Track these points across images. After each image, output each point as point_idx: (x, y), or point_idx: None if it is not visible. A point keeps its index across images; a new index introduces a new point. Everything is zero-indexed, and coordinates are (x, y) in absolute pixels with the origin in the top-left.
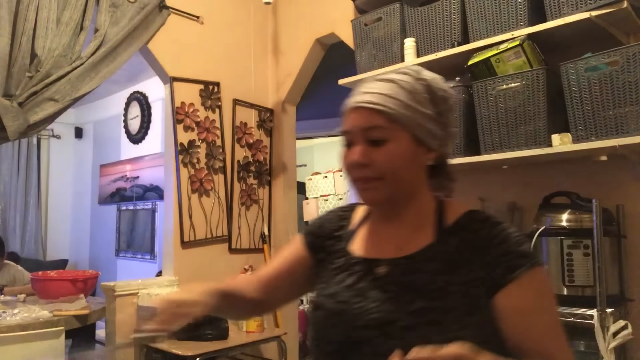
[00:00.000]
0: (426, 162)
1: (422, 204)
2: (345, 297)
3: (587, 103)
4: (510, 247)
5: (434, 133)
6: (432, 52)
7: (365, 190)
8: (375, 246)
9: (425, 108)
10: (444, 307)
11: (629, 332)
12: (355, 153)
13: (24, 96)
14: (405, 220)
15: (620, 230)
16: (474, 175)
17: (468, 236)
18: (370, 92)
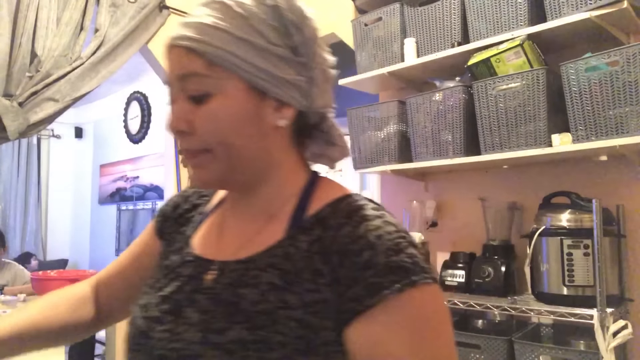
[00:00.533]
0: (278, 122)
1: (283, 183)
2: (156, 312)
3: (587, 103)
4: (376, 257)
5: (287, 79)
6: (432, 52)
7: (193, 168)
8: (218, 241)
9: (267, 41)
10: (268, 341)
11: (629, 332)
12: (171, 115)
13: (24, 96)
14: (257, 205)
15: (620, 230)
16: (474, 175)
17: (323, 235)
18: (189, 21)
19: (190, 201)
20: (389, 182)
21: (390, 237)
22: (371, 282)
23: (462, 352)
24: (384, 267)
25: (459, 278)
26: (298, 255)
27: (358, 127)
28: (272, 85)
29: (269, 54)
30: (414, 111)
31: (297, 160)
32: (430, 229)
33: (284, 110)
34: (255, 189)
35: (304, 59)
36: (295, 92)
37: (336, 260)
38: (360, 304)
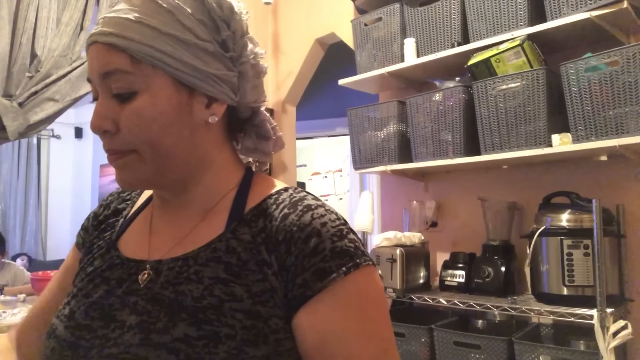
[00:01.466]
0: (209, 119)
1: (217, 179)
2: (85, 321)
3: (587, 103)
4: (323, 243)
5: (216, 74)
6: (432, 52)
7: (118, 169)
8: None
9: (195, 36)
10: (215, 335)
11: (629, 332)
12: (94, 113)
13: (24, 96)
14: (192, 202)
15: (620, 230)
16: (474, 175)
17: (267, 226)
18: (111, 17)
19: (111, 207)
20: (389, 182)
21: (334, 224)
22: (319, 267)
23: (462, 352)
24: (330, 252)
25: (459, 278)
26: (242, 247)
27: (358, 127)
28: (200, 81)
29: (196, 49)
30: (414, 111)
31: (230, 155)
32: (430, 229)
33: (214, 106)
34: (187, 187)
35: (234, 53)
36: (225, 87)
37: (283, 248)
38: (309, 289)
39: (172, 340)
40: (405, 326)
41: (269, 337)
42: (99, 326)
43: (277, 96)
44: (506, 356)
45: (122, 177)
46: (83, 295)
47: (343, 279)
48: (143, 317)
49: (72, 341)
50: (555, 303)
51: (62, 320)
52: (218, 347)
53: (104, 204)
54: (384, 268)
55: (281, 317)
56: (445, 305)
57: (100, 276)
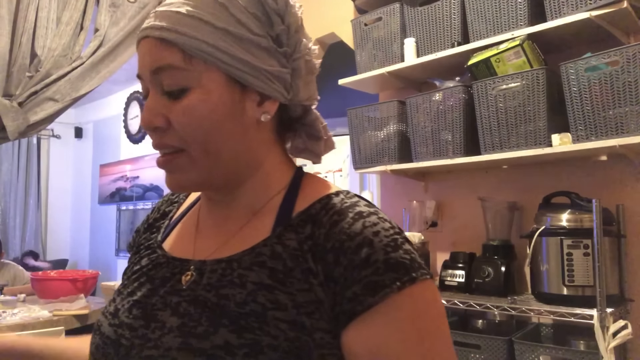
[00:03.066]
0: (261, 117)
1: (266, 179)
2: (127, 319)
3: (587, 103)
4: (375, 254)
5: (269, 71)
6: (432, 52)
7: (168, 172)
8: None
9: (249, 31)
10: (257, 344)
11: (629, 332)
12: (145, 110)
13: (24, 96)
14: (239, 202)
15: (620, 230)
16: (474, 175)
17: (314, 232)
18: (163, 10)
19: (160, 210)
20: (388, 182)
21: (387, 234)
22: (371, 281)
23: (462, 352)
24: (383, 264)
25: (458, 278)
26: (287, 253)
27: (358, 127)
28: (253, 78)
29: (250, 44)
30: (414, 111)
31: (280, 155)
32: (430, 229)
33: (267, 103)
34: (236, 188)
35: (287, 49)
36: (279, 85)
37: (331, 258)
38: (360, 303)
39: (212, 347)
40: None
41: (312, 351)
42: (140, 325)
43: None
44: (506, 356)
45: (172, 179)
46: (128, 293)
47: (397, 294)
48: (184, 319)
49: (114, 339)
50: (555, 303)
51: (107, 317)
52: (258, 357)
53: (156, 207)
54: None
55: (327, 331)
56: (445, 305)
57: (146, 275)
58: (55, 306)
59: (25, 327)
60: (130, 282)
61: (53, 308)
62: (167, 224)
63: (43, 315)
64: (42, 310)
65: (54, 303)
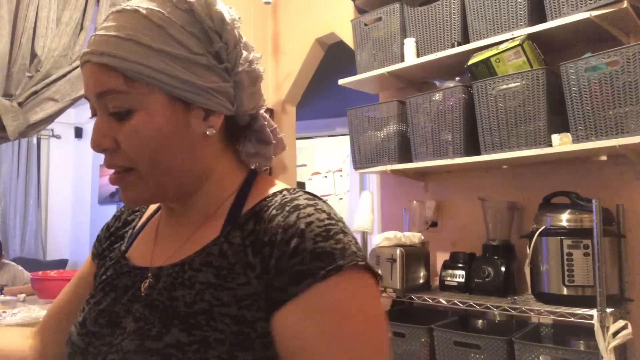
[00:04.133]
0: (207, 132)
1: (218, 186)
2: (94, 328)
3: (587, 103)
4: (303, 243)
5: (211, 87)
6: (432, 52)
7: (121, 189)
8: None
9: (188, 50)
10: (205, 340)
11: (629, 332)
12: (94, 132)
13: (24, 96)
14: (193, 208)
15: (620, 230)
16: (474, 175)
17: (256, 228)
18: (102, 35)
19: (122, 219)
20: (389, 182)
21: (320, 224)
22: (297, 270)
23: (462, 352)
24: (310, 253)
25: (458, 278)
26: (232, 250)
27: (358, 127)
28: (196, 95)
29: (190, 63)
30: (414, 111)
31: (231, 161)
32: (430, 229)
33: (212, 118)
34: (189, 197)
35: (228, 64)
36: (222, 99)
37: (267, 251)
38: (285, 292)
39: (164, 346)
40: (405, 326)
41: (256, 341)
42: (106, 333)
43: (277, 96)
44: (506, 356)
45: (125, 196)
46: (94, 303)
47: (321, 283)
48: (140, 323)
49: (83, 348)
50: (555, 303)
51: (76, 327)
52: (208, 352)
53: (116, 216)
54: (384, 268)
55: (265, 320)
56: (445, 305)
57: (110, 284)
58: None
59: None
60: (97, 292)
61: None
62: (131, 233)
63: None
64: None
65: None
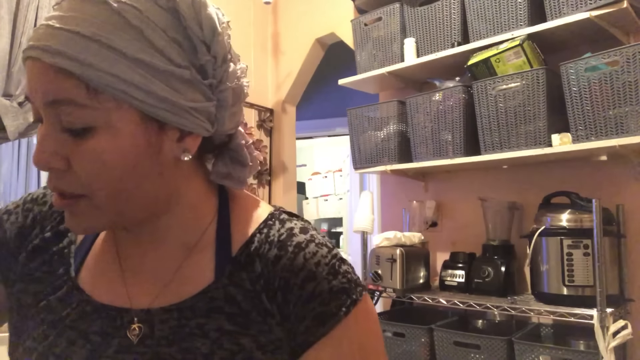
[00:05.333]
0: (181, 156)
1: (193, 210)
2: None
3: (587, 103)
4: (319, 285)
5: (192, 106)
6: (432, 52)
7: (67, 214)
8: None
9: (169, 61)
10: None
11: (629, 332)
12: (38, 145)
13: (24, 96)
14: (168, 235)
15: (620, 230)
16: (474, 175)
17: (264, 271)
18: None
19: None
20: (389, 182)
21: (326, 261)
22: (319, 312)
23: (462, 352)
24: (328, 294)
25: (458, 278)
26: (242, 295)
27: (358, 127)
28: (173, 115)
29: (169, 76)
30: (414, 111)
31: (203, 183)
32: (430, 229)
33: (188, 140)
34: (158, 219)
35: (214, 80)
36: (202, 119)
37: (280, 297)
38: (312, 335)
39: None
40: (405, 326)
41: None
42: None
43: (277, 96)
44: (506, 356)
45: (72, 222)
46: (56, 356)
47: (344, 319)
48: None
49: None
50: (555, 303)
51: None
52: None
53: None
54: (384, 268)
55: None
56: (445, 305)
57: (73, 329)
58: None
59: None
60: (53, 340)
61: None
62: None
63: None
64: None
65: None
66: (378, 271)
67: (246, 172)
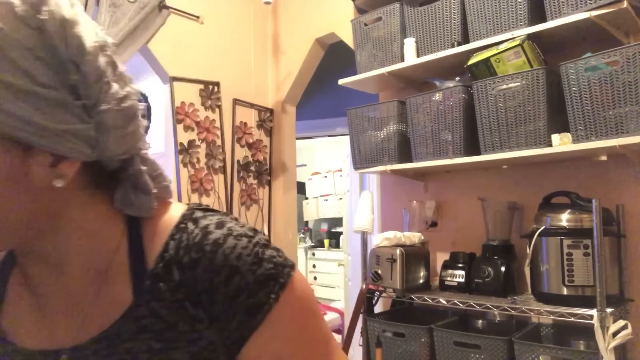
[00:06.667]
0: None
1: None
2: None
3: (587, 103)
4: (244, 278)
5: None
6: (432, 52)
7: None
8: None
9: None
10: None
11: (629, 332)
12: None
13: None
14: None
15: (620, 230)
16: (474, 175)
17: (183, 278)
18: None
19: None
20: (388, 182)
21: (247, 252)
22: (249, 305)
23: (462, 352)
24: (254, 284)
25: (458, 278)
26: (165, 308)
27: (358, 127)
28: (40, 138)
29: (35, 98)
30: (414, 111)
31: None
32: (430, 229)
33: (62, 166)
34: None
35: (87, 101)
36: (77, 142)
37: (205, 298)
38: (246, 328)
39: None
40: (405, 326)
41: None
42: None
43: (277, 96)
44: (506, 356)
45: None
46: None
47: (275, 305)
48: None
49: None
50: (555, 303)
51: None
52: None
53: None
54: (384, 268)
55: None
56: (445, 305)
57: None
58: None
59: None
60: None
61: None
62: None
63: None
64: None
65: None
66: (378, 271)
67: (151, 199)
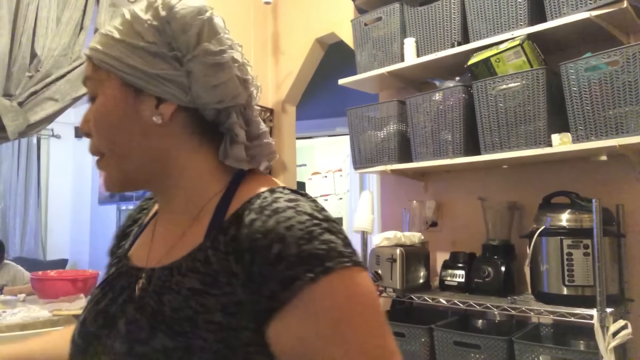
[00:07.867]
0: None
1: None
2: (92, 327)
3: (587, 103)
4: (287, 248)
5: (160, 75)
6: (432, 52)
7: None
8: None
9: (143, 40)
10: (189, 347)
11: (628, 332)
12: None
13: (24, 96)
14: (176, 207)
15: (620, 230)
16: (474, 175)
17: (238, 234)
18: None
19: (132, 217)
20: (389, 182)
21: (302, 227)
22: (284, 276)
23: (462, 352)
24: (295, 257)
25: (458, 278)
26: (216, 257)
27: (358, 127)
28: (145, 82)
29: (142, 51)
30: (414, 111)
31: (210, 161)
32: (430, 229)
33: (162, 107)
34: (168, 191)
35: (178, 52)
36: (172, 87)
37: (248, 258)
38: (275, 300)
39: (151, 350)
40: (405, 326)
41: (240, 350)
42: (104, 334)
43: (277, 96)
44: (506, 356)
45: (102, 181)
46: (95, 302)
47: (311, 286)
48: (130, 326)
49: (83, 347)
50: (555, 303)
51: (79, 326)
52: (192, 359)
53: (128, 215)
54: (384, 268)
55: (253, 330)
56: (445, 305)
57: (110, 284)
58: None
59: (25, 327)
60: (98, 292)
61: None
62: (135, 231)
63: (43, 315)
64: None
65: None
66: (378, 271)
67: (241, 150)
